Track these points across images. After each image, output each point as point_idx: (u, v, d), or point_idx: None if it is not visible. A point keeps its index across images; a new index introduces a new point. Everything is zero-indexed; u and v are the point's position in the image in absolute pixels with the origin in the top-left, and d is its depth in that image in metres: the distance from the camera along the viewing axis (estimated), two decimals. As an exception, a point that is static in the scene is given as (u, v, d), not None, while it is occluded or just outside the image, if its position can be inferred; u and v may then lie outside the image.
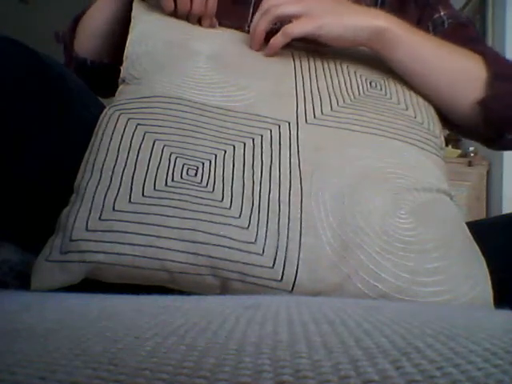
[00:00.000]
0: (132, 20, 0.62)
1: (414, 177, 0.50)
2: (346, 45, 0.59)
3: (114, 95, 0.56)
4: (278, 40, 0.58)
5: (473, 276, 0.46)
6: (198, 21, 0.64)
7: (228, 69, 0.56)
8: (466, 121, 0.63)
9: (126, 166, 0.45)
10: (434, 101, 0.61)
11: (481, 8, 2.29)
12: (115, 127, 0.49)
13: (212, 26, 0.64)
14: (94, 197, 0.44)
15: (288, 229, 0.43)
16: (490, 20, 2.24)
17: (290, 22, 0.57)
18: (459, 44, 0.62)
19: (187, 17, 0.63)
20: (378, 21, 0.57)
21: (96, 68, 0.71)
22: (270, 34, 0.59)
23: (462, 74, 0.60)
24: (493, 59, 0.61)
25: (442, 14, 0.71)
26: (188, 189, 0.44)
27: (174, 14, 0.63)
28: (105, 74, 0.69)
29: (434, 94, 0.61)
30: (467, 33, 0.70)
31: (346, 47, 0.60)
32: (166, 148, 0.47)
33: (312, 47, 0.62)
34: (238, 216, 0.43)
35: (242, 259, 0.42)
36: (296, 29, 0.56)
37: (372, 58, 0.63)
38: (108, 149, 0.47)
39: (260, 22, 0.58)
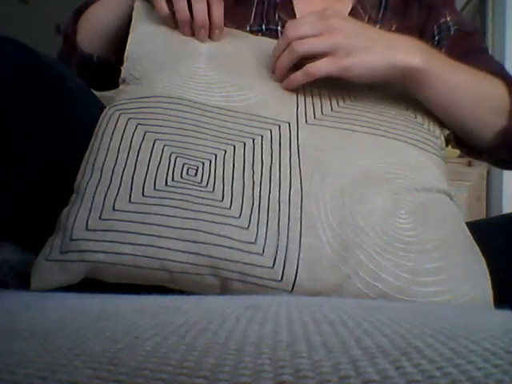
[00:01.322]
0: (133, 20, 0.62)
1: (413, 177, 0.50)
2: (374, 82, 0.55)
3: (110, 89, 0.56)
4: (298, 78, 0.53)
5: (473, 276, 0.46)
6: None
7: (228, 69, 0.56)
8: (485, 147, 0.63)
9: (126, 165, 0.45)
10: (460, 131, 0.61)
11: (481, 8, 2.29)
12: (115, 127, 0.49)
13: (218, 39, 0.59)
14: (94, 196, 0.44)
15: (288, 229, 0.43)
16: (489, 20, 2.23)
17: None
18: (465, 55, 0.61)
19: (193, 30, 0.58)
20: (412, 58, 0.53)
21: (102, 64, 0.70)
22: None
23: (487, 105, 0.59)
24: None
25: (448, 19, 0.70)
26: (188, 188, 0.44)
27: (174, 23, 0.59)
28: (110, 70, 0.68)
29: (460, 126, 0.60)
30: (472, 42, 0.70)
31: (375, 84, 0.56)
32: (166, 148, 0.47)
33: None
34: (238, 216, 0.43)
35: (242, 259, 0.42)
36: (320, 70, 0.52)
37: None
38: (108, 149, 0.47)
39: (283, 59, 0.54)
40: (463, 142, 0.65)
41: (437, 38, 0.70)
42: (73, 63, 0.69)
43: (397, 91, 0.60)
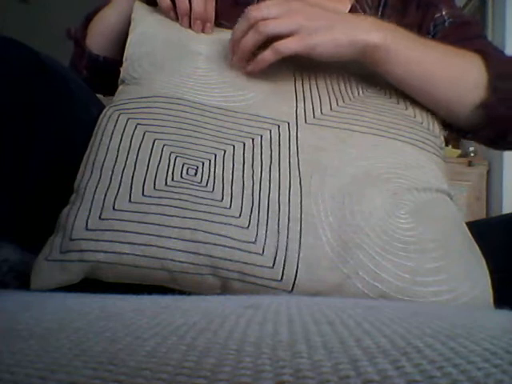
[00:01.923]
0: (132, 21, 0.62)
1: (413, 177, 0.50)
2: (338, 60, 0.56)
3: (113, 94, 0.56)
4: (267, 57, 0.53)
5: (473, 276, 0.46)
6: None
7: (227, 69, 0.56)
8: (467, 124, 0.62)
9: (125, 165, 0.45)
10: (433, 108, 0.60)
11: (481, 8, 2.29)
12: (115, 127, 0.49)
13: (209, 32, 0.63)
14: (93, 196, 0.44)
15: (288, 229, 0.43)
16: (490, 20, 2.24)
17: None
18: (458, 42, 0.61)
19: (189, 22, 0.62)
20: (370, 35, 0.54)
21: (108, 64, 0.71)
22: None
23: (460, 80, 0.58)
24: (492, 58, 0.60)
25: (443, 13, 0.70)
26: (188, 188, 0.44)
27: (174, 15, 0.62)
28: (116, 72, 0.69)
29: (432, 102, 0.59)
30: (468, 31, 0.69)
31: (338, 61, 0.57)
32: (165, 147, 0.47)
33: None
34: (238, 216, 0.43)
35: (242, 259, 0.42)
36: (288, 47, 0.52)
37: None
38: (108, 148, 0.47)
39: (248, 39, 0.53)
40: (450, 123, 0.64)
41: (432, 33, 0.70)
42: (81, 66, 0.70)
43: (397, 90, 0.60)
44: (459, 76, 0.59)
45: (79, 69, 0.71)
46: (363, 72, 0.60)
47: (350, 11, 0.70)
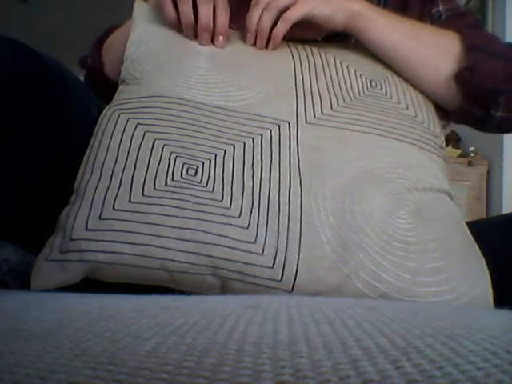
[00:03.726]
0: (133, 21, 0.62)
1: (414, 177, 0.50)
2: (332, 26, 0.62)
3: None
4: (279, 29, 0.60)
5: (473, 276, 0.46)
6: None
7: (228, 69, 0.56)
8: (447, 100, 0.62)
9: (125, 165, 0.45)
10: (409, 79, 0.63)
11: (481, 8, 2.29)
12: (115, 127, 0.49)
13: (221, 46, 0.60)
14: (93, 196, 0.44)
15: (288, 229, 0.43)
16: (490, 20, 2.24)
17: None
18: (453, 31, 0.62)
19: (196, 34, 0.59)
20: (354, 5, 0.61)
21: None
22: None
23: (432, 51, 0.61)
24: (467, 32, 0.61)
25: (440, 8, 0.72)
26: (188, 188, 0.44)
27: (180, 28, 0.59)
28: None
29: (406, 72, 0.62)
30: (463, 21, 0.70)
31: (332, 30, 0.63)
32: (165, 147, 0.47)
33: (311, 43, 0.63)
34: (237, 216, 0.43)
35: (241, 259, 0.42)
36: (294, 13, 0.59)
37: (372, 57, 0.63)
38: (108, 148, 0.47)
39: (264, 19, 0.60)
40: (435, 103, 0.65)
41: None
42: (105, 91, 0.68)
43: (398, 89, 0.60)
44: (431, 47, 0.62)
45: (101, 93, 0.69)
46: (365, 70, 0.61)
47: None
